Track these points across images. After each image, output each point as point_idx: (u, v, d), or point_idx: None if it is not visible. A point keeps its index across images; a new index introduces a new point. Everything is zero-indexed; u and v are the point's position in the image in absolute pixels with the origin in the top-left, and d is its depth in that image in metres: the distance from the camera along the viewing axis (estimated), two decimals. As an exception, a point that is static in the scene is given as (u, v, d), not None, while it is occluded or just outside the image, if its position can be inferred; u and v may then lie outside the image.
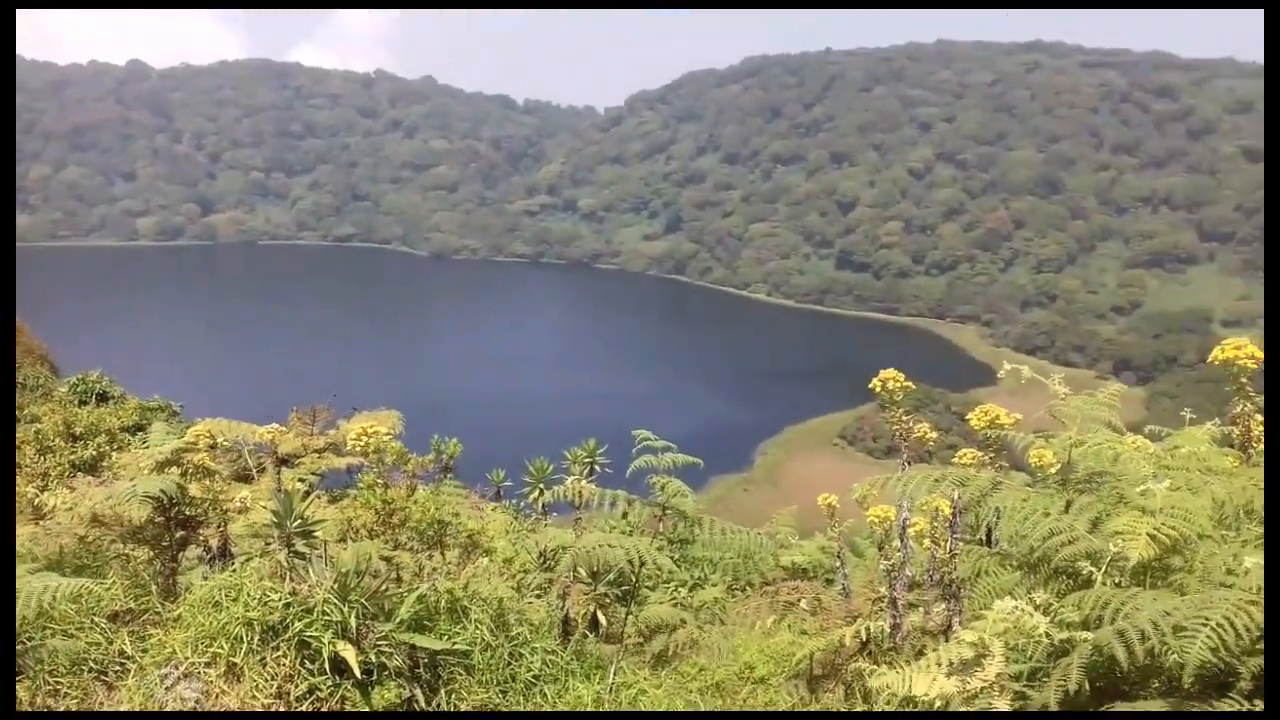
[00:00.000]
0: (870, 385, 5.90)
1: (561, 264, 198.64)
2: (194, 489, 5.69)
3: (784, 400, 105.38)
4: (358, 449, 6.91)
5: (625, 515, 9.90)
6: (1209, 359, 4.64)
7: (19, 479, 11.28)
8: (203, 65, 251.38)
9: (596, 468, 8.92)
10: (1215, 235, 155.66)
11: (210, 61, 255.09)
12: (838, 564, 9.07)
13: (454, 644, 4.60)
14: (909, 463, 5.88)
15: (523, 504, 10.96)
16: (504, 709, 4.62)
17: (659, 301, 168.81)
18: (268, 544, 5.15)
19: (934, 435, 6.36)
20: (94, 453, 12.26)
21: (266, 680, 3.96)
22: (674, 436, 7.79)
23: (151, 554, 5.35)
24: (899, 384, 5.82)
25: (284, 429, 11.20)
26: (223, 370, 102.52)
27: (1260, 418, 4.75)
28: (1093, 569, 3.65)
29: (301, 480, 10.65)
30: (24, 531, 5.20)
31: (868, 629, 5.70)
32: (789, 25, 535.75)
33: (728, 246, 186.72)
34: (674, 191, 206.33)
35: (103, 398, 16.57)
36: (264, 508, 6.88)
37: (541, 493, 8.97)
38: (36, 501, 8.42)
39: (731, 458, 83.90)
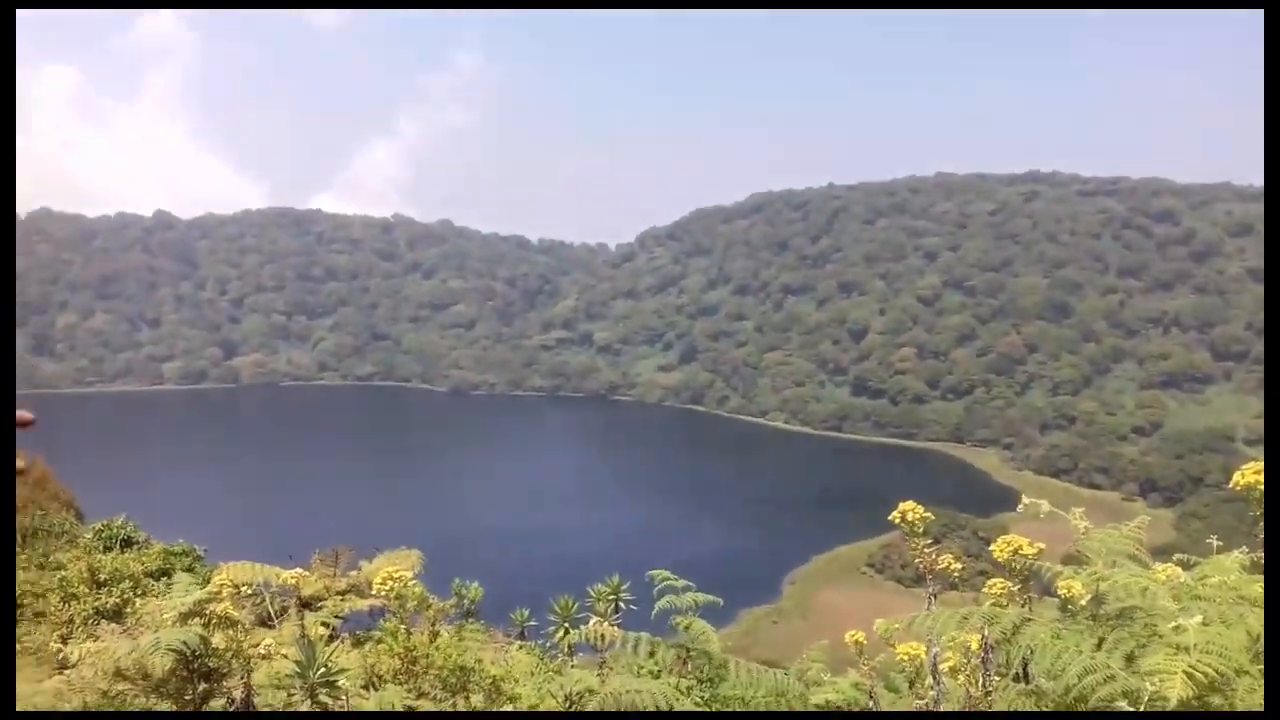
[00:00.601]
0: (891, 518, 5.87)
1: (579, 396, 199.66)
2: (217, 639, 5.66)
3: (809, 528, 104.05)
4: (381, 593, 6.89)
5: (652, 654, 9.72)
6: (1231, 484, 4.60)
7: (44, 627, 11.23)
8: (226, 214, 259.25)
9: (621, 605, 8.83)
10: (1228, 354, 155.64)
11: (234, 210, 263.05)
12: (871, 703, 8.84)
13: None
14: (935, 595, 5.80)
15: (549, 643, 10.79)
16: None
17: (677, 431, 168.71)
18: (290, 695, 5.10)
19: (959, 565, 6.29)
20: (118, 599, 12.21)
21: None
22: (699, 567, 7.76)
23: (174, 708, 5.29)
24: (919, 515, 5.79)
25: (307, 572, 11.14)
26: (245, 511, 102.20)
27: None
28: (1131, 709, 3.58)
29: (325, 624, 10.54)
30: (49, 685, 5.18)
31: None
32: (791, 163, 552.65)
33: (743, 375, 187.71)
34: (687, 323, 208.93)
35: (127, 543, 16.57)
36: (286, 656, 6.81)
37: (567, 633, 8.86)
38: (60, 654, 8.37)
39: (759, 588, 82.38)
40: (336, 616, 12.06)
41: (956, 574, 6.30)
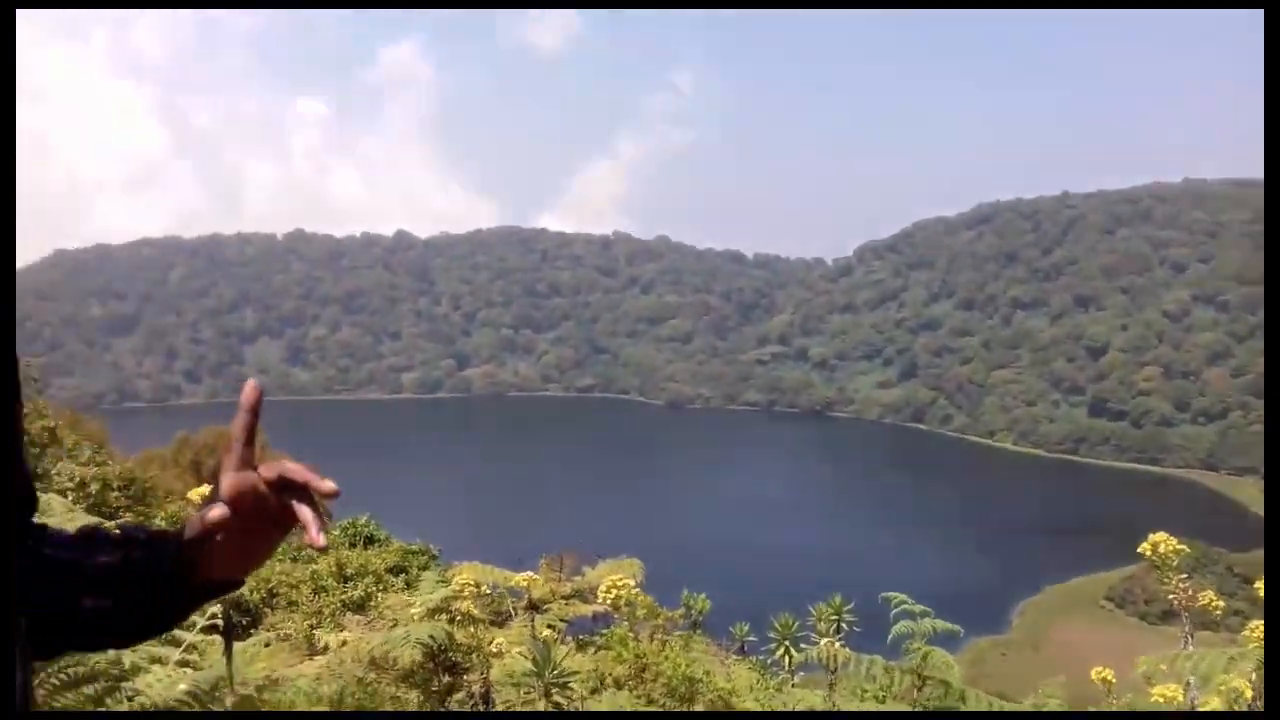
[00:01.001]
0: (1140, 549, 5.38)
1: (794, 412, 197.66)
2: (459, 635, 5.88)
3: (1040, 557, 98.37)
4: (608, 600, 6.96)
5: (889, 680, 9.37)
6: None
7: (298, 616, 12.12)
8: (460, 233, 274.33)
9: (844, 626, 8.56)
10: None
11: (467, 229, 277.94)
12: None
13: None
14: (1192, 634, 5.26)
15: (769, 660, 10.67)
16: None
17: (897, 449, 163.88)
18: (527, 693, 5.21)
19: (1221, 604, 5.70)
20: (362, 593, 13.03)
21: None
22: (919, 593, 7.39)
23: (421, 697, 5.54)
24: (1172, 548, 5.25)
25: (535, 575, 11.50)
26: (472, 513, 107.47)
27: None
28: None
29: (551, 626, 10.83)
30: (309, 670, 5.54)
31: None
32: (1017, 170, 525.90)
33: (968, 393, 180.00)
34: (908, 339, 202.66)
35: (370, 540, 17.67)
36: (520, 655, 7.01)
37: (788, 650, 8.67)
38: (313, 639, 8.97)
39: (985, 618, 78.52)
40: (562, 620, 12.33)
41: (1217, 612, 5.73)
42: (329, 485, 1.12)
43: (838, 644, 7.24)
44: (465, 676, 5.79)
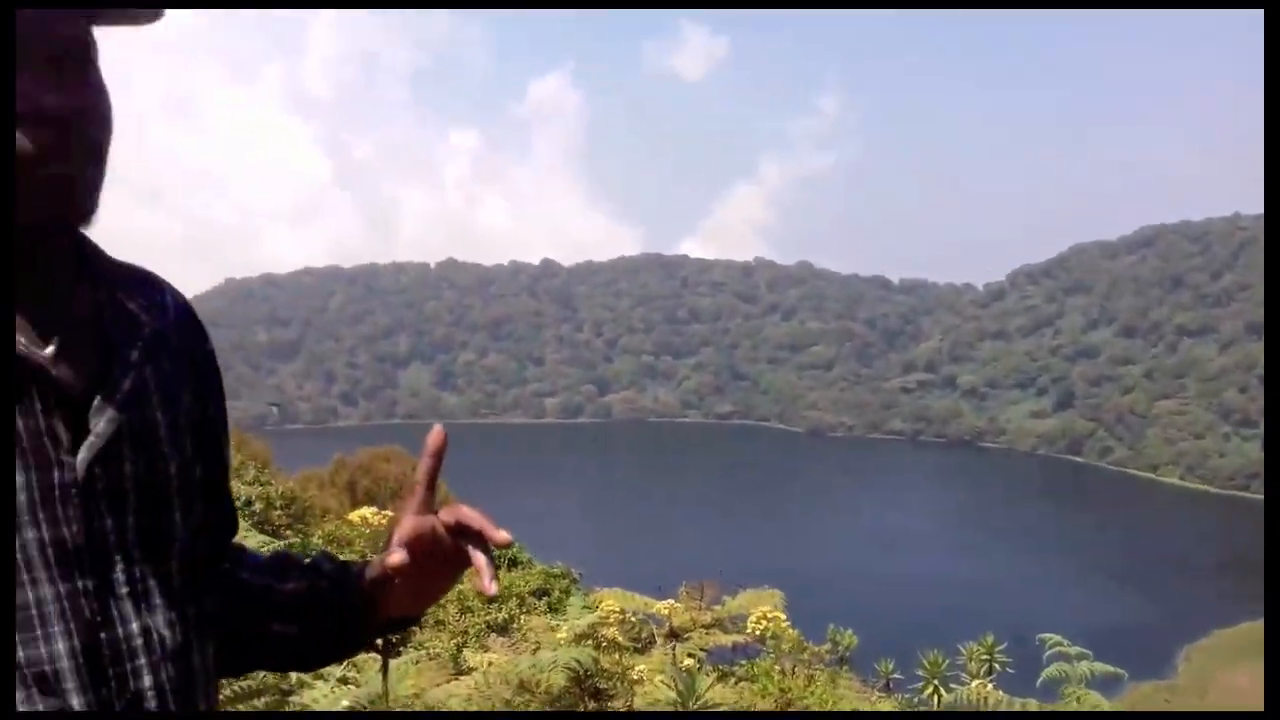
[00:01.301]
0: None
1: (941, 442, 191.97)
2: (604, 661, 5.91)
3: (1209, 599, 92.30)
4: (756, 631, 6.88)
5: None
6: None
7: (444, 635, 12.45)
8: (603, 260, 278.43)
9: (995, 666, 8.24)
10: None
11: (610, 257, 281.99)
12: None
13: None
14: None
15: (916, 699, 10.34)
16: None
17: (1052, 482, 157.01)
18: (670, 723, 5.18)
19: None
20: (506, 615, 13.28)
21: None
22: (1074, 632, 7.04)
23: (567, 723, 5.59)
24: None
25: (676, 603, 11.49)
26: (613, 537, 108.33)
27: None
28: None
29: (691, 655, 10.79)
30: (460, 690, 5.67)
31: None
32: (1182, 191, 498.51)
33: (1129, 425, 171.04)
34: (1063, 367, 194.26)
35: (513, 563, 18.01)
36: (663, 683, 7.00)
37: (937, 690, 8.39)
38: (459, 659, 9.18)
39: (1146, 661, 73.95)
40: (702, 649, 12.26)
41: None
42: (503, 536, 1.19)
43: (989, 685, 6.96)
44: (610, 703, 5.81)
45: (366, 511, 7.19)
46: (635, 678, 8.15)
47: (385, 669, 4.77)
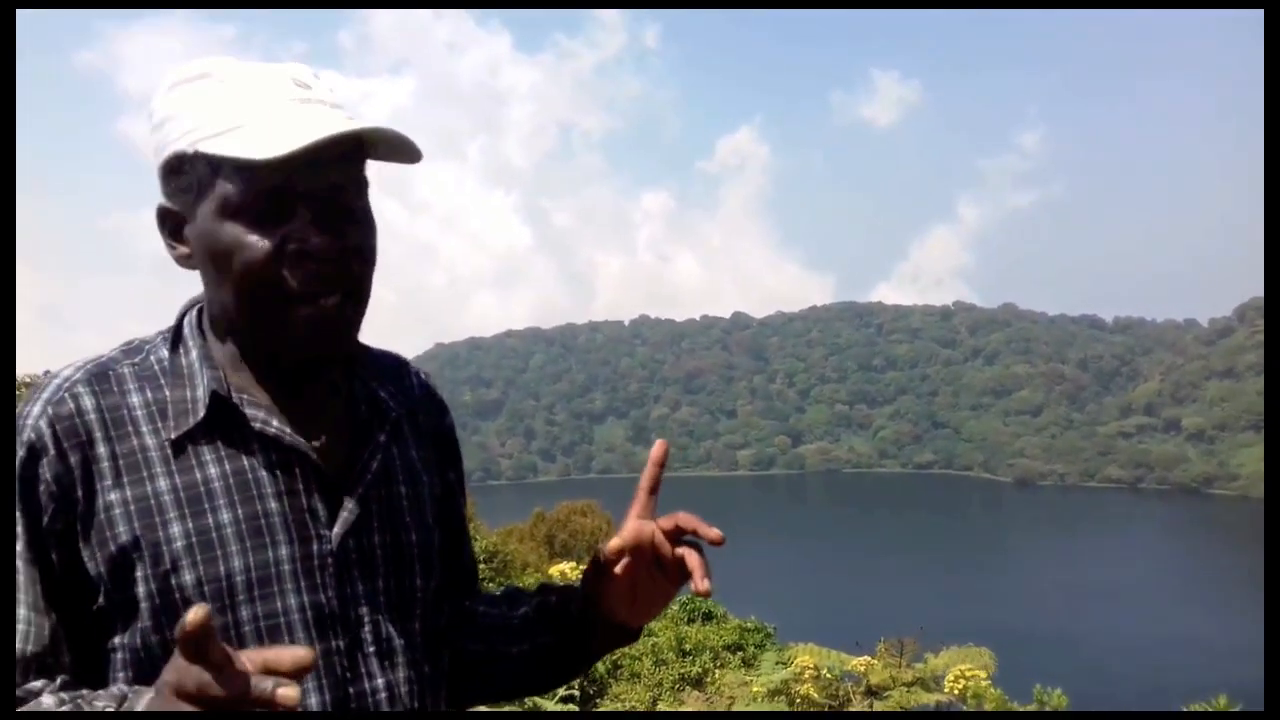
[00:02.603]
0: None
1: (1164, 489, 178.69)
2: (794, 717, 5.80)
3: None
4: (954, 690, 6.58)
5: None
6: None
7: (639, 688, 12.51)
8: (794, 311, 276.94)
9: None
10: None
11: (801, 307, 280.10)
12: None
13: None
14: None
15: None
16: None
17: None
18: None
19: None
20: (699, 669, 13.22)
21: None
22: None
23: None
24: None
25: (874, 659, 11.13)
26: (808, 590, 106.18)
27: None
28: None
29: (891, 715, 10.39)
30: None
31: None
32: None
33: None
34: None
35: (708, 616, 17.92)
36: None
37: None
38: (654, 709, 9.21)
39: None
40: (902, 708, 11.82)
41: None
42: (715, 533, 1.23)
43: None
44: (799, 761, 5.67)
45: (565, 567, 7.36)
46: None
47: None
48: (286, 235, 1.12)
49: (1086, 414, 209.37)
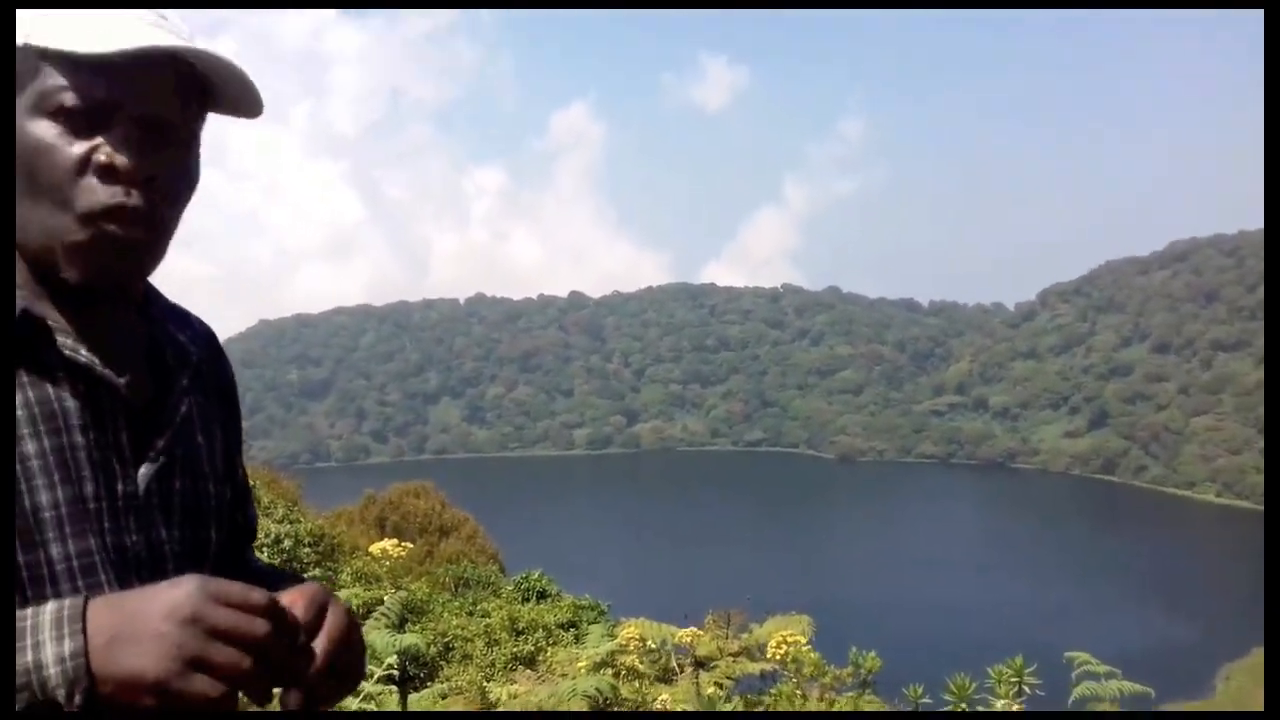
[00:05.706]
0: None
1: (973, 464, 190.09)
2: (624, 690, 5.93)
3: (1245, 617, 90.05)
4: (777, 656, 6.88)
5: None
6: None
7: (471, 669, 12.47)
8: (630, 291, 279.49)
9: (1025, 689, 8.16)
10: None
11: (637, 287, 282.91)
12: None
13: None
14: None
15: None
16: None
17: (1086, 503, 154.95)
18: (689, 750, 5.18)
19: None
20: (533, 647, 13.29)
21: None
22: (1108, 653, 6.99)
23: (585, 752, 5.60)
24: None
25: (701, 631, 11.47)
26: (642, 567, 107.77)
27: None
28: None
29: (718, 684, 10.75)
30: (479, 720, 5.69)
31: None
32: (1213, 204, 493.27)
33: (1164, 443, 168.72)
34: (1096, 385, 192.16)
35: (541, 595, 18.01)
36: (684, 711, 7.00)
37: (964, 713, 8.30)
38: (485, 692, 9.22)
39: (1185, 681, 72.32)
40: (729, 678, 12.22)
41: None
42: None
43: (1016, 705, 6.92)
44: (628, 732, 5.82)
45: (386, 544, 7.28)
46: (661, 708, 8.14)
47: (404, 701, 4.83)
48: (96, 147, 1.07)
49: (904, 393, 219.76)
